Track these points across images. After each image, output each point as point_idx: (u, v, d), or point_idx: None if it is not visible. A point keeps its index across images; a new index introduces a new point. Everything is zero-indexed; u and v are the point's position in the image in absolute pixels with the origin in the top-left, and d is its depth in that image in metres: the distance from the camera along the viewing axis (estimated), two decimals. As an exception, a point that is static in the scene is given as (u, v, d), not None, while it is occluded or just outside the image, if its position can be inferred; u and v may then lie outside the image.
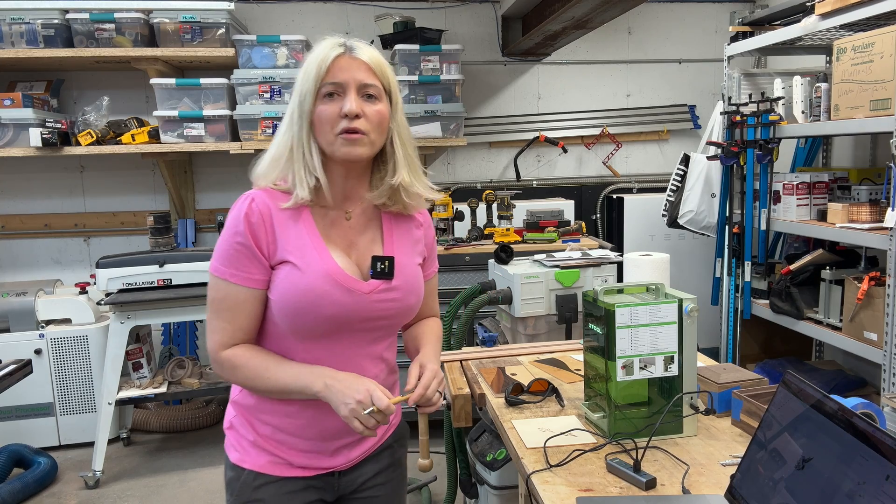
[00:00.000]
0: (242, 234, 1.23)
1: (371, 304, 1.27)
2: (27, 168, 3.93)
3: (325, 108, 1.22)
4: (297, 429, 1.31)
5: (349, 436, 1.34)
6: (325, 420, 1.29)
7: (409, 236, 1.38)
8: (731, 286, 3.42)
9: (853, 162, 3.57)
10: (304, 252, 1.24)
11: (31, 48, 3.39)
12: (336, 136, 1.21)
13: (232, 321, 1.25)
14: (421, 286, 1.37)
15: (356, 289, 1.26)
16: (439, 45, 3.77)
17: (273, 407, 1.31)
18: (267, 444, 1.32)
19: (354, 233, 1.32)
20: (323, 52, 1.23)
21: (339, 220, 1.31)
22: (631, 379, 1.46)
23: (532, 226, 3.40)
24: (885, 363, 2.49)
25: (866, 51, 2.50)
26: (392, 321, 1.33)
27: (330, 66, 1.22)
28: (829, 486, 0.97)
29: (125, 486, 3.16)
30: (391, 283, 1.30)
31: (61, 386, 3.47)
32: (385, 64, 1.27)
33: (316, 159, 1.24)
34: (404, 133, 1.31)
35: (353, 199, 1.32)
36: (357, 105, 1.21)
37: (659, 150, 4.48)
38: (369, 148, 1.24)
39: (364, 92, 1.23)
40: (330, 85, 1.22)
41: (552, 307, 2.36)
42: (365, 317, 1.28)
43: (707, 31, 4.41)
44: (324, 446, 1.33)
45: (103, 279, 3.14)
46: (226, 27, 3.49)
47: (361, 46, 1.26)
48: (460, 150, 4.28)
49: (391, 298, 1.30)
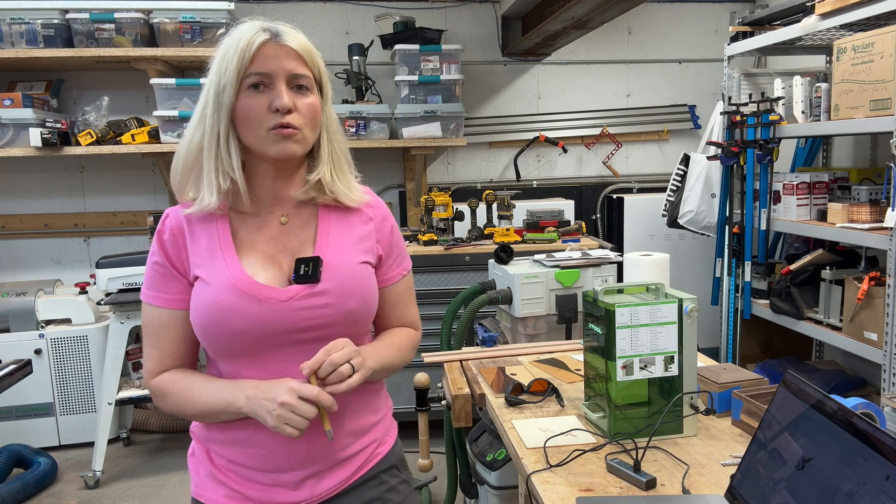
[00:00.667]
0: (157, 254, 1.16)
1: (292, 312, 1.12)
2: (27, 168, 3.93)
3: (251, 102, 1.09)
4: (251, 459, 1.17)
5: (313, 465, 1.17)
6: (278, 448, 1.15)
7: (352, 233, 1.22)
8: (731, 286, 3.42)
9: (853, 162, 3.57)
10: (214, 263, 1.13)
11: (31, 48, 3.39)
12: (267, 131, 1.09)
13: (159, 347, 1.17)
14: (367, 288, 1.20)
15: (268, 297, 1.11)
16: (439, 45, 3.77)
17: (223, 436, 1.18)
18: (223, 476, 1.19)
19: (289, 237, 1.18)
20: (245, 38, 1.09)
21: (267, 224, 1.18)
22: (631, 379, 1.46)
23: (532, 226, 3.40)
24: (885, 363, 2.49)
25: (866, 51, 2.50)
26: (331, 331, 1.15)
27: (255, 54, 1.09)
28: (829, 487, 0.97)
29: (125, 486, 3.16)
30: (316, 286, 1.14)
31: (61, 386, 3.47)
32: (315, 51, 1.16)
33: (234, 158, 1.11)
34: (332, 126, 1.20)
35: (286, 200, 1.19)
36: (289, 98, 1.09)
37: (659, 150, 4.48)
38: (303, 145, 1.13)
39: (294, 83, 1.11)
40: (255, 75, 1.09)
41: (552, 307, 2.36)
42: (288, 328, 1.12)
43: (707, 31, 4.41)
44: (284, 478, 1.17)
45: (103, 279, 3.14)
46: (226, 27, 3.49)
47: (289, 31, 1.13)
48: (460, 150, 4.28)
49: (321, 304, 1.14)
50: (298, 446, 1.14)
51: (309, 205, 1.21)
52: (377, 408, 1.30)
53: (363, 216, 1.25)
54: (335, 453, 1.20)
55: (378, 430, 1.29)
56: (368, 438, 1.26)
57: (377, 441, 1.28)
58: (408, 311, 1.34)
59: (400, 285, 1.31)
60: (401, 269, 1.31)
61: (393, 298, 1.30)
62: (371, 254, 1.24)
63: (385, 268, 1.27)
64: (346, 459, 1.22)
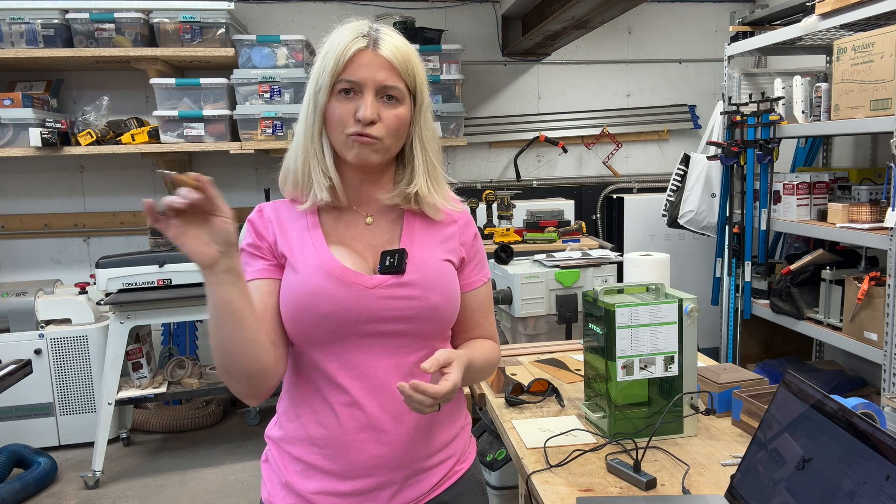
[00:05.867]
0: (248, 237, 1.18)
1: (378, 300, 1.12)
2: (27, 168, 3.93)
3: (339, 106, 1.11)
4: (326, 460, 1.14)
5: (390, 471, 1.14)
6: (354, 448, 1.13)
7: (437, 233, 1.22)
8: (731, 286, 3.42)
9: (853, 162, 3.57)
10: (303, 250, 1.15)
11: (30, 48, 3.39)
12: (347, 137, 1.11)
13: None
14: (451, 286, 1.19)
15: (356, 282, 1.12)
16: (439, 44, 3.77)
17: (298, 433, 1.16)
18: (299, 484, 1.16)
19: (374, 236, 1.20)
20: (343, 44, 1.10)
21: (355, 222, 1.20)
22: (631, 379, 1.46)
23: (532, 226, 3.40)
24: (885, 363, 2.49)
25: (866, 51, 2.50)
26: (414, 325, 1.14)
27: (349, 61, 1.10)
28: (829, 487, 0.97)
29: (125, 486, 3.16)
30: (402, 277, 1.14)
31: (61, 386, 3.47)
32: (413, 59, 1.14)
33: (328, 158, 1.15)
34: (427, 136, 1.19)
35: (371, 201, 1.20)
36: (373, 110, 1.09)
37: (659, 150, 4.48)
38: (382, 154, 1.14)
39: (384, 94, 1.12)
40: (346, 82, 1.10)
41: (552, 307, 2.36)
42: (372, 316, 1.12)
43: (707, 31, 4.41)
44: (360, 485, 1.14)
45: (103, 279, 3.13)
46: (226, 27, 3.49)
47: (387, 38, 1.12)
48: (460, 150, 4.28)
49: (406, 295, 1.13)
50: (376, 449, 1.12)
51: (395, 209, 1.22)
52: (456, 418, 1.26)
53: (448, 219, 1.24)
54: (414, 462, 1.16)
55: (457, 445, 1.25)
56: (447, 452, 1.22)
57: (456, 457, 1.24)
58: (488, 319, 1.31)
59: (481, 291, 1.28)
60: (482, 275, 1.29)
61: (474, 304, 1.27)
62: (454, 254, 1.23)
63: (467, 272, 1.26)
64: (425, 471, 1.18)
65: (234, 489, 3.09)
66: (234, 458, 3.38)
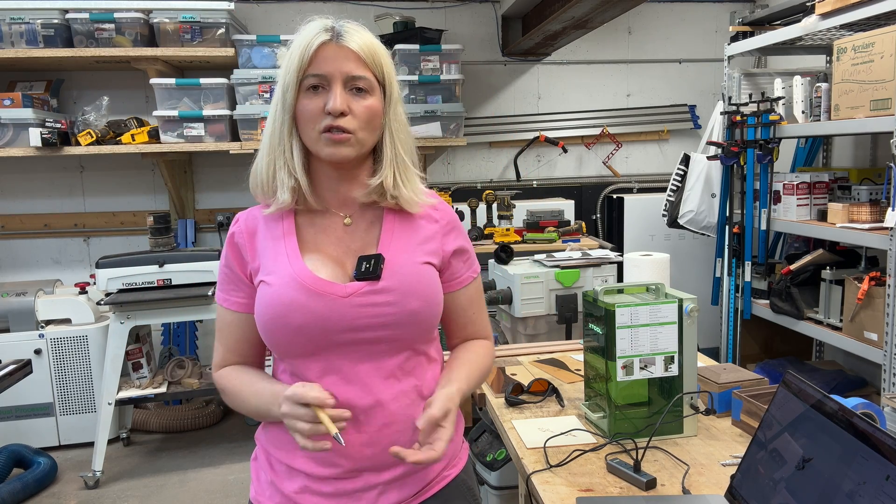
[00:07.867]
0: (227, 258, 1.19)
1: (353, 308, 1.10)
2: (27, 168, 3.93)
3: (308, 103, 1.09)
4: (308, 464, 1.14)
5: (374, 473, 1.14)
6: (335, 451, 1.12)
7: (417, 234, 1.19)
8: (731, 286, 3.42)
9: (853, 162, 3.57)
10: (277, 261, 1.13)
11: (30, 48, 3.39)
12: (319, 134, 1.09)
13: (223, 343, 1.21)
14: (430, 289, 1.16)
15: (330, 292, 1.10)
16: (439, 44, 3.77)
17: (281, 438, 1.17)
18: (282, 483, 1.17)
19: (353, 239, 1.17)
20: (306, 39, 1.09)
21: (332, 225, 1.18)
22: (631, 379, 1.46)
23: (532, 226, 3.40)
24: (885, 363, 2.49)
25: (866, 51, 2.50)
26: (393, 331, 1.12)
27: (313, 56, 1.08)
28: (829, 487, 0.97)
29: (125, 486, 3.16)
30: (377, 284, 1.12)
31: (61, 386, 3.47)
32: (379, 51, 1.13)
33: (297, 159, 1.12)
34: (398, 128, 1.17)
35: (349, 201, 1.18)
36: (342, 101, 1.08)
37: (659, 150, 4.48)
38: (356, 148, 1.11)
39: (352, 85, 1.10)
40: (313, 77, 1.09)
41: (552, 307, 2.36)
42: (349, 325, 1.10)
43: (707, 31, 4.41)
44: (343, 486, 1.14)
45: (103, 279, 3.13)
46: (226, 27, 3.49)
47: (351, 31, 1.11)
48: (460, 150, 4.28)
49: (383, 302, 1.11)
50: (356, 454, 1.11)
51: (374, 207, 1.20)
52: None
53: (429, 218, 1.22)
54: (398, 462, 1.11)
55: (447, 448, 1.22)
56: None
57: (444, 461, 1.21)
58: (481, 314, 1.30)
59: (471, 287, 1.27)
60: (471, 271, 1.27)
61: (465, 302, 1.26)
62: (435, 256, 1.20)
63: (453, 269, 1.24)
64: (410, 474, 1.16)
65: (234, 489, 3.09)
66: (234, 458, 3.38)
